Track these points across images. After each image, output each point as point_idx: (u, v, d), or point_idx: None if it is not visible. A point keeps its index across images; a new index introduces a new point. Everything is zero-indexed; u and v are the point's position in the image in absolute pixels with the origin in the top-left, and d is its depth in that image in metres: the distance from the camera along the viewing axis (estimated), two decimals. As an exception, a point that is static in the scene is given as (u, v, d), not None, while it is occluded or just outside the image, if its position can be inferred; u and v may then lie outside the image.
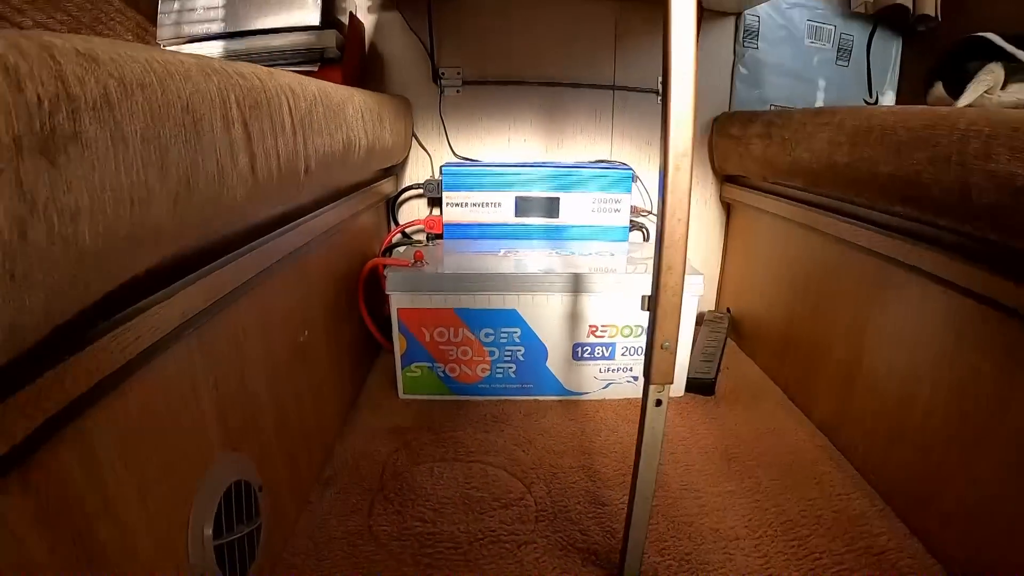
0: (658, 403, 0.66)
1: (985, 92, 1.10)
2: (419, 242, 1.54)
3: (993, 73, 1.09)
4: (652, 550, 0.84)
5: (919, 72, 1.37)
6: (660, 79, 1.56)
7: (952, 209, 0.78)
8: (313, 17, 1.16)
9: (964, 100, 1.09)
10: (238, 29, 1.19)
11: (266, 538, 0.74)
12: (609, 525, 0.89)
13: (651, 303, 0.63)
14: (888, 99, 1.71)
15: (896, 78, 1.71)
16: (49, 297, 0.33)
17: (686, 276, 1.16)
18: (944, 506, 0.83)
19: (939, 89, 1.17)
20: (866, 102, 1.69)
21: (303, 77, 0.77)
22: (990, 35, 1.16)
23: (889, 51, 1.70)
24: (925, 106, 0.92)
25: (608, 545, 0.85)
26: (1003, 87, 1.10)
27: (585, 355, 1.23)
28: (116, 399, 0.47)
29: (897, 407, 0.95)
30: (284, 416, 0.85)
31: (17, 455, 0.36)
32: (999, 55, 1.13)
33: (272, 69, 0.69)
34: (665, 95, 0.57)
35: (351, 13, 1.31)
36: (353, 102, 0.96)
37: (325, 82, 0.88)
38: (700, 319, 1.63)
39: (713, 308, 1.74)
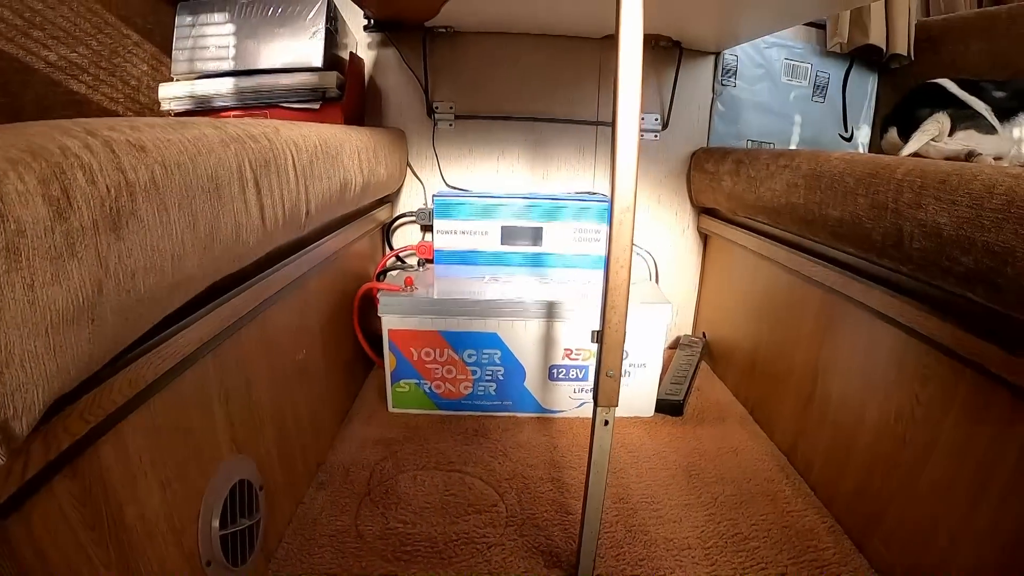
0: (605, 423, 0.78)
1: (932, 140, 1.21)
2: (412, 266, 1.67)
3: (939, 122, 1.20)
4: (609, 555, 0.96)
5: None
6: (640, 116, 1.69)
7: (889, 252, 0.88)
8: (316, 59, 1.30)
9: (908, 149, 1.20)
10: (247, 67, 1.33)
11: (264, 532, 0.87)
12: (572, 531, 1.01)
13: (599, 337, 0.76)
14: (864, 133, 1.84)
15: (872, 113, 1.85)
16: (116, 333, 0.46)
17: (656, 305, 1.29)
18: (887, 524, 0.94)
19: (893, 135, 1.29)
20: (841, 137, 1.82)
21: (306, 128, 0.91)
22: (944, 81, 1.27)
23: (865, 87, 1.84)
24: (872, 154, 1.04)
25: (569, 549, 0.97)
26: (951, 133, 1.21)
27: (560, 376, 1.36)
28: (147, 408, 0.60)
29: (846, 430, 1.06)
30: (283, 425, 0.98)
31: (74, 449, 0.49)
32: (952, 101, 1.25)
33: (279, 124, 0.83)
34: (612, 164, 0.71)
35: (352, 52, 1.45)
36: (350, 143, 1.09)
37: (325, 127, 1.01)
38: (676, 343, 1.77)
39: (691, 332, 1.87)
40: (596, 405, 0.77)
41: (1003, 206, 0.67)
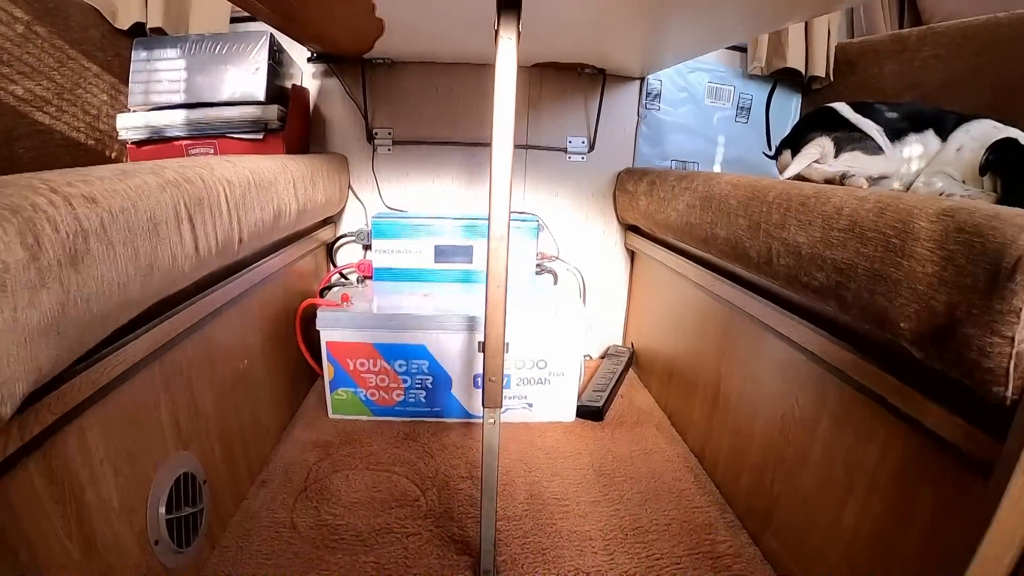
0: (492, 422, 0.97)
1: (816, 162, 1.36)
2: (353, 283, 1.86)
3: (820, 146, 1.35)
4: (516, 544, 1.15)
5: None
6: (568, 139, 1.93)
7: (764, 268, 1.06)
8: (259, 93, 1.49)
9: (790, 171, 1.36)
10: (197, 100, 1.52)
11: (208, 521, 1.05)
12: (484, 521, 1.20)
13: (483, 347, 0.95)
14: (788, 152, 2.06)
15: (797, 132, 2.07)
16: (76, 343, 0.65)
17: (572, 318, 1.49)
18: (778, 519, 1.10)
19: (786, 157, 1.45)
20: (766, 155, 2.03)
21: (241, 163, 1.10)
22: (838, 105, 1.42)
23: (789, 107, 2.06)
24: (754, 177, 1.19)
25: (478, 539, 1.16)
26: (837, 155, 1.35)
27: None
28: (101, 406, 0.78)
29: (744, 432, 1.24)
30: (227, 427, 1.17)
31: (42, 437, 0.68)
32: (842, 124, 1.38)
33: (214, 163, 1.02)
34: (489, 200, 0.90)
35: (294, 84, 1.64)
36: (286, 174, 1.29)
37: (261, 160, 1.21)
38: (606, 353, 1.97)
39: (621, 343, 2.08)
40: (484, 406, 0.96)
41: (848, 226, 0.82)
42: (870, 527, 0.86)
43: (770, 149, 2.03)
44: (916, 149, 1.32)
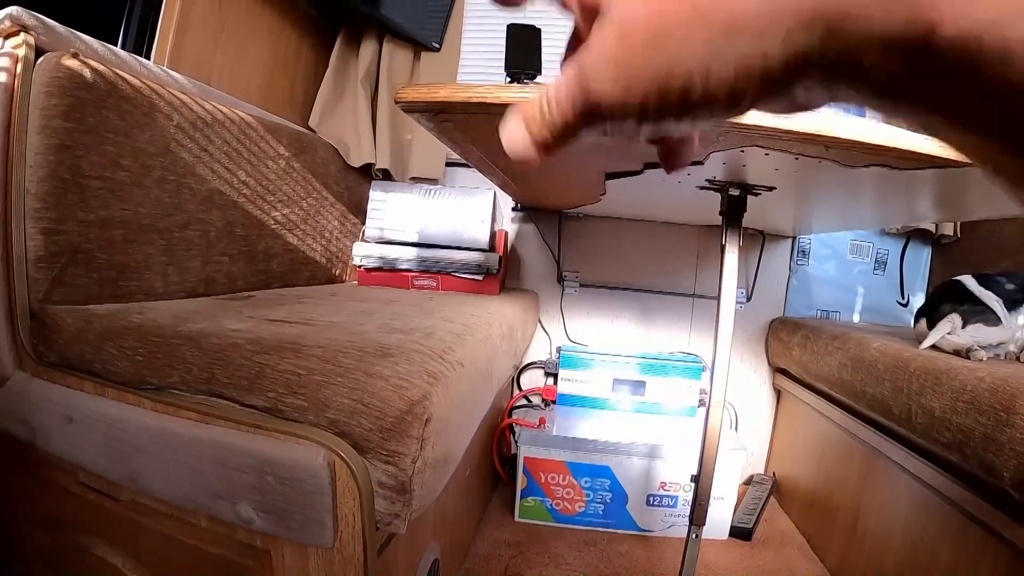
0: (695, 537, 1.30)
1: (948, 334, 1.61)
2: (538, 405, 2.24)
3: (951, 322, 1.59)
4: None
5: (946, 275, 1.95)
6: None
7: (904, 423, 1.38)
8: (483, 242, 1.89)
9: (927, 343, 1.61)
10: (426, 241, 1.92)
11: (439, 598, 1.41)
12: (662, 617, 1.52)
13: (695, 479, 1.29)
14: (919, 299, 2.36)
15: (926, 281, 2.38)
16: (447, 471, 1.04)
17: (733, 451, 1.80)
18: None
19: (922, 325, 1.70)
20: (899, 303, 2.34)
21: (497, 313, 1.49)
22: (965, 278, 1.68)
23: (920, 259, 2.38)
24: (898, 345, 1.54)
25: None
26: (964, 326, 1.59)
27: (655, 503, 1.87)
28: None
29: (876, 556, 1.53)
30: (452, 523, 1.53)
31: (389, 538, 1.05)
32: (968, 297, 1.63)
33: (487, 317, 1.41)
34: (711, 380, 1.25)
35: (504, 231, 2.07)
36: (516, 321, 1.69)
37: (506, 308, 1.62)
38: (750, 480, 2.27)
39: (763, 471, 2.37)
40: (691, 524, 1.29)
41: (969, 400, 1.16)
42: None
43: (903, 297, 2.34)
44: None
